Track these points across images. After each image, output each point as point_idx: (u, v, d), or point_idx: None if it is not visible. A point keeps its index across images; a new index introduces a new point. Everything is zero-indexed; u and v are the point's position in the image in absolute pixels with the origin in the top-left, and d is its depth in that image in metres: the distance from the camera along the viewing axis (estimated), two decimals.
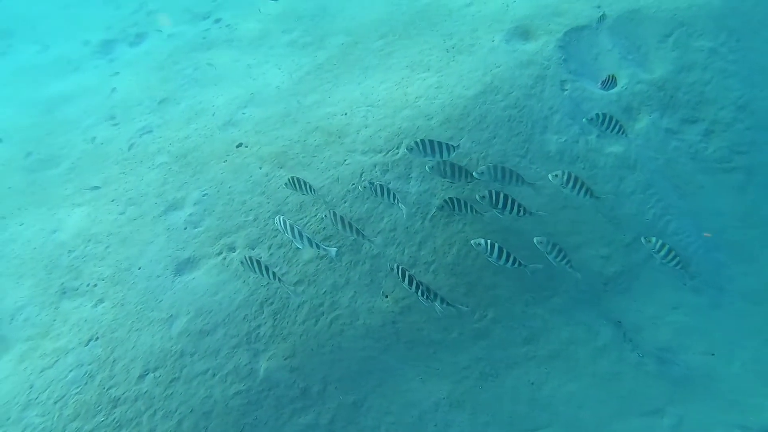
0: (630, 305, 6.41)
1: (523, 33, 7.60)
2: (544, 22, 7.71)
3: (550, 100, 6.93)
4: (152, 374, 5.56)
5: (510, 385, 5.99)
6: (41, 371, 5.78)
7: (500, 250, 5.46)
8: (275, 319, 5.79)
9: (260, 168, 6.91)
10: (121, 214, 7.13)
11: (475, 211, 5.85)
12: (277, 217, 5.59)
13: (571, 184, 5.66)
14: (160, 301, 6.04)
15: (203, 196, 6.83)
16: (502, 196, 5.57)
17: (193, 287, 6.06)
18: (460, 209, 5.90)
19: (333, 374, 5.70)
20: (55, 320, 6.23)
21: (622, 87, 7.16)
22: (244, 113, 7.96)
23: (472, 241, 5.58)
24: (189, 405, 5.39)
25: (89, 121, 9.29)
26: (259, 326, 5.76)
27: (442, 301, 5.32)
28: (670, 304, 6.34)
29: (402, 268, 5.36)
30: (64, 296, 6.45)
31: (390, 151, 6.73)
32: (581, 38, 7.51)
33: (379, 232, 6.30)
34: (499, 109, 6.91)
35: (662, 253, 5.71)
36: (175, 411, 5.36)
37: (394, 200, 5.82)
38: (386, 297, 6.07)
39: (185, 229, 6.60)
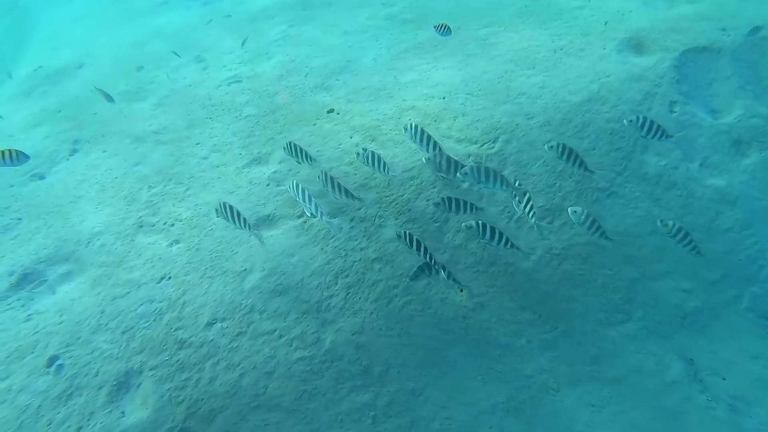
0: (706, 345, 6.17)
1: (636, 45, 7.29)
2: (660, 36, 7.39)
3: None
4: (220, 324, 5.56)
5: (570, 403, 5.83)
6: (113, 299, 5.84)
7: (492, 231, 5.28)
8: (348, 293, 5.73)
9: (350, 137, 6.81)
10: (204, 158, 7.13)
11: (475, 208, 5.63)
12: (290, 181, 5.55)
13: (587, 224, 5.56)
14: (235, 253, 6.03)
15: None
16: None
17: (270, 245, 6.02)
18: (457, 209, 5.65)
19: (397, 358, 5.63)
20: (129, 252, 6.28)
21: (735, 118, 6.83)
22: (337, 80, 7.85)
23: (464, 224, 5.43)
24: (252, 361, 5.38)
25: (179, 61, 9.30)
26: (331, 296, 5.70)
27: (449, 275, 5.30)
28: (750, 353, 6.07)
29: (409, 234, 5.28)
30: (140, 230, 6.50)
31: (486, 144, 6.56)
32: (699, 60, 7.18)
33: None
34: (602, 120, 6.67)
35: (679, 236, 5.54)
36: (238, 365, 5.36)
37: (383, 169, 5.67)
38: (461, 290, 5.95)
39: (268, 185, 6.56)
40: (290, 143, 5.99)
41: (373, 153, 5.67)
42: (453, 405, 5.70)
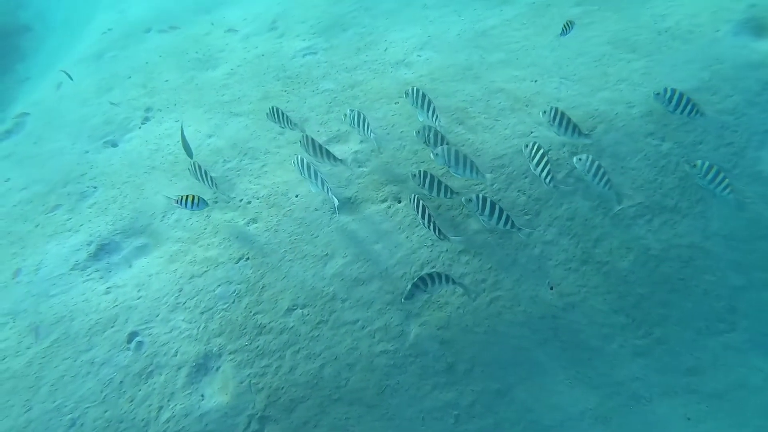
0: None
1: (757, 27, 6.63)
2: None
3: None
4: (300, 311, 5.37)
5: (662, 414, 5.48)
6: (191, 277, 5.70)
7: (492, 206, 5.01)
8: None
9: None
10: (279, 134, 6.89)
11: (450, 192, 5.40)
12: (296, 156, 5.48)
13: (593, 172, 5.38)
14: (316, 237, 5.80)
15: (371, 135, 6.45)
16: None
17: (353, 230, 5.77)
18: (431, 187, 5.39)
19: (482, 356, 5.35)
20: (205, 229, 6.12)
21: None
22: (419, 56, 7.45)
23: (463, 198, 5.18)
24: (333, 352, 5.18)
25: (249, 29, 9.03)
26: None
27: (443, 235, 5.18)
28: None
29: (418, 198, 5.10)
30: (215, 205, 6.32)
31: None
32: None
33: (555, 219, 5.78)
34: (712, 111, 6.12)
35: (709, 176, 5.31)
36: (319, 354, 5.17)
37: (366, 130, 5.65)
38: (551, 289, 5.61)
39: (349, 165, 6.27)
40: (273, 108, 6.06)
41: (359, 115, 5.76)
42: (538, 408, 5.42)
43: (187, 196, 5.24)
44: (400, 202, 5.90)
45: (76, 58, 9.88)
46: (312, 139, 5.69)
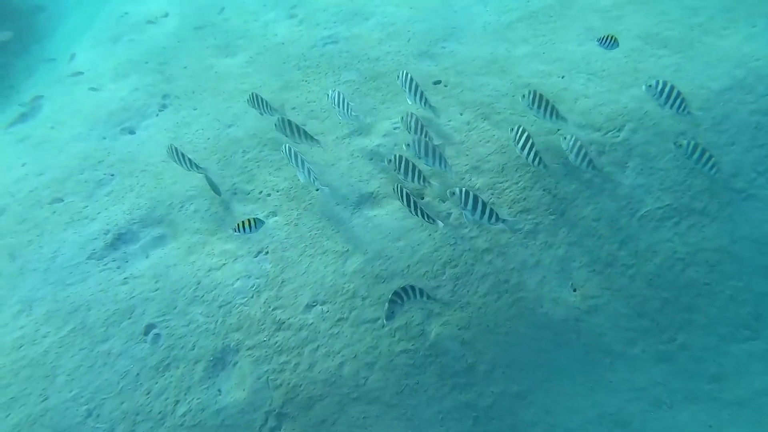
0: None
1: None
2: None
3: None
4: (320, 307, 5.30)
5: (684, 421, 5.39)
6: (209, 270, 5.64)
7: (475, 200, 4.94)
8: (456, 284, 5.36)
9: (461, 114, 6.32)
10: (301, 124, 6.76)
11: (424, 179, 5.43)
12: (284, 145, 5.58)
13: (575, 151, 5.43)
14: (337, 232, 5.71)
15: (394, 128, 6.34)
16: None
17: (374, 226, 5.68)
18: (405, 173, 5.40)
19: (503, 358, 5.27)
20: (224, 220, 6.05)
21: None
22: (443, 47, 7.29)
23: (448, 191, 5.14)
24: (353, 350, 5.11)
25: (269, 16, 8.88)
26: (438, 287, 5.34)
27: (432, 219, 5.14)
28: None
29: (401, 187, 5.11)
30: (234, 197, 6.24)
31: (610, 131, 5.97)
32: None
33: (581, 219, 5.66)
34: (746, 112, 5.95)
35: (695, 155, 5.28)
36: (338, 352, 5.10)
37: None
38: (575, 291, 5.51)
39: (371, 159, 6.16)
40: (253, 94, 6.26)
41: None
42: (558, 411, 5.34)
43: (243, 222, 5.13)
44: (423, 198, 5.80)
45: (94, 41, 9.77)
46: (287, 120, 5.80)
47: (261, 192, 6.20)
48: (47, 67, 10.32)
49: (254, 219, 5.11)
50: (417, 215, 5.13)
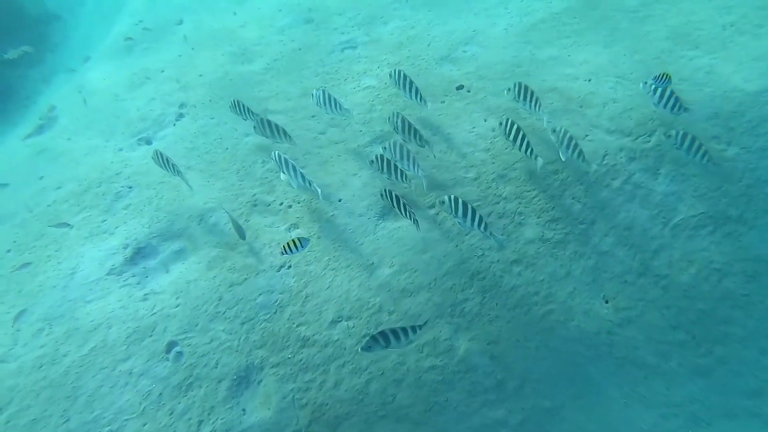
0: None
1: None
2: None
3: None
4: (345, 323, 5.16)
5: None
6: (230, 286, 5.52)
7: (465, 207, 4.84)
8: (484, 297, 5.20)
9: (485, 120, 6.15)
10: (321, 133, 6.64)
11: (406, 177, 5.44)
12: (274, 152, 5.61)
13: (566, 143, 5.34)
14: (361, 244, 5.57)
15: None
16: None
17: (399, 238, 5.53)
18: (388, 172, 5.44)
19: (533, 373, 5.10)
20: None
21: None
22: (465, 51, 7.12)
23: (438, 199, 5.17)
24: (380, 367, 4.97)
25: (284, 22, 8.75)
26: (466, 300, 5.18)
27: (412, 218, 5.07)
28: None
29: (389, 190, 5.07)
30: (254, 209, 6.12)
31: (641, 136, 5.77)
32: None
33: (612, 228, 5.47)
34: None
35: (685, 145, 5.24)
36: (365, 369, 4.96)
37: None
38: (606, 302, 5.32)
39: None
40: (235, 100, 6.39)
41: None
42: (590, 427, 5.16)
43: (289, 243, 4.97)
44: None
45: (108, 51, 9.71)
46: (266, 120, 5.95)
47: (282, 203, 6.07)
48: (65, 77, 10.29)
49: (299, 238, 4.96)
50: (408, 217, 5.10)
